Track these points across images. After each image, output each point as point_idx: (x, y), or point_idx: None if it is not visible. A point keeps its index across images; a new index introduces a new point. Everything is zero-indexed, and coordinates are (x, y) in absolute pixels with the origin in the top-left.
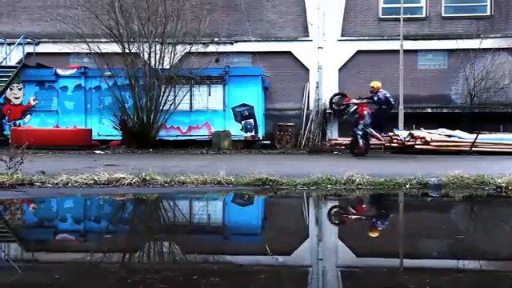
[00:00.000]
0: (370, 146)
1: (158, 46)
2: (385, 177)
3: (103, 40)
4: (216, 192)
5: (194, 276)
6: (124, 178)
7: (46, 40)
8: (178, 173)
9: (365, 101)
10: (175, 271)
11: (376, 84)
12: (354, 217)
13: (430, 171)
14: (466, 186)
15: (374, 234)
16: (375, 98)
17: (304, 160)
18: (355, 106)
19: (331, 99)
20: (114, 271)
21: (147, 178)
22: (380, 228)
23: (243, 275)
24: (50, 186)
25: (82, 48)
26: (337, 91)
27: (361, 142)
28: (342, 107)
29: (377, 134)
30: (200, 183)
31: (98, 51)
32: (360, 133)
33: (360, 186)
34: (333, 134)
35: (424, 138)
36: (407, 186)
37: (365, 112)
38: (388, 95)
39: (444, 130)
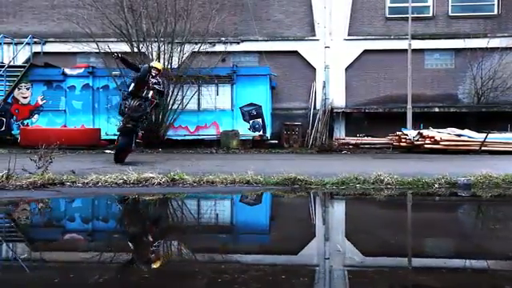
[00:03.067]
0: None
1: (167, 46)
2: (408, 176)
3: (111, 39)
4: (248, 191)
5: (283, 276)
6: (153, 177)
7: (53, 40)
8: (197, 172)
9: (156, 87)
10: (260, 271)
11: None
12: (407, 216)
13: (451, 171)
14: (494, 185)
15: (433, 233)
16: (160, 81)
17: (317, 159)
18: (150, 93)
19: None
20: (197, 271)
21: (176, 177)
22: (435, 227)
23: (329, 275)
24: (80, 185)
25: (91, 47)
26: (343, 91)
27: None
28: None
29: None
30: (229, 183)
31: (108, 51)
32: (138, 130)
33: (389, 186)
34: (340, 133)
35: (433, 137)
36: (436, 186)
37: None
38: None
39: (454, 129)
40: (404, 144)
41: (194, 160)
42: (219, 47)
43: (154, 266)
